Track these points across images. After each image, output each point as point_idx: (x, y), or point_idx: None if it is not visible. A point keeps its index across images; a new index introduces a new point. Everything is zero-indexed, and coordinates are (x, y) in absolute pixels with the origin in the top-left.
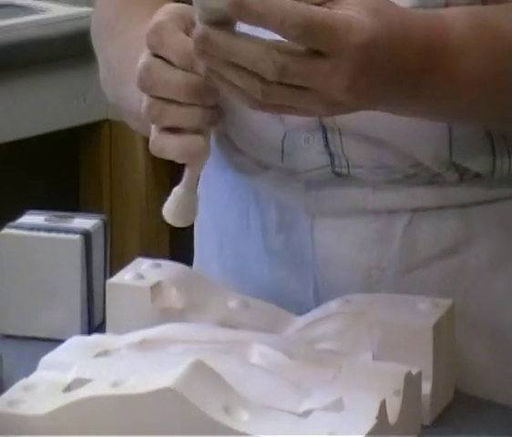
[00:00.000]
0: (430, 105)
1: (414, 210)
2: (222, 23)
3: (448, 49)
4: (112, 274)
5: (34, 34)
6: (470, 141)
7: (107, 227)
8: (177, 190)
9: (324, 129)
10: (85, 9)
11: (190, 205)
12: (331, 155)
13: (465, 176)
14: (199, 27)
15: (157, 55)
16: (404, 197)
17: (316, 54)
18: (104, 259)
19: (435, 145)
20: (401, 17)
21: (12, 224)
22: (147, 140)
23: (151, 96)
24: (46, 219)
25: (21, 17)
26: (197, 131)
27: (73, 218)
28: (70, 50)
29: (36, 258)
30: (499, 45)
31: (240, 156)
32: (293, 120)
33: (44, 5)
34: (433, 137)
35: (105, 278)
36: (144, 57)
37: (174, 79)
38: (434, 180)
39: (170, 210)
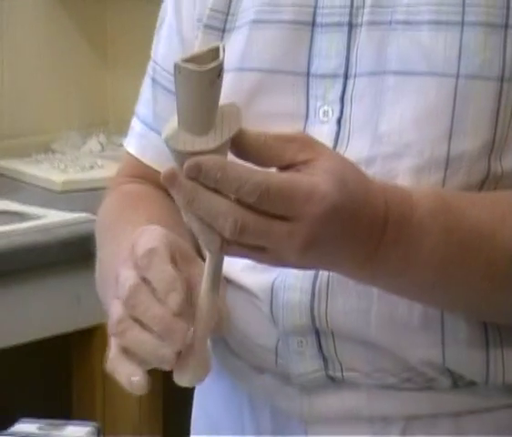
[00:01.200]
0: (383, 278)
1: (408, 418)
2: None
3: (409, 228)
4: None
5: (29, 240)
6: (463, 347)
7: (100, 434)
8: (185, 348)
9: (317, 333)
10: (80, 215)
11: (199, 362)
12: (324, 359)
13: (459, 382)
14: (171, 166)
15: (143, 277)
16: (398, 403)
17: (276, 215)
18: None
19: (427, 349)
20: (366, 189)
21: (4, 433)
22: None
23: (128, 313)
24: (38, 428)
25: (17, 224)
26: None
27: (66, 426)
28: (65, 256)
29: None
30: (462, 233)
31: (236, 359)
32: (287, 324)
33: (40, 211)
34: (425, 342)
35: None
36: (133, 278)
37: (152, 309)
38: (428, 386)
39: (177, 367)
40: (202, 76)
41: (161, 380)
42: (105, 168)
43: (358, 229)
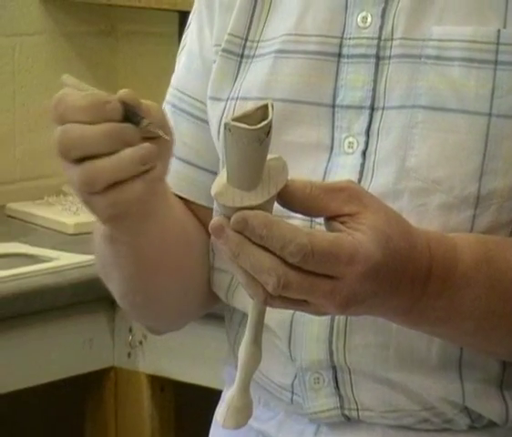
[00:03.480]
0: (425, 325)
1: None
2: None
3: (452, 280)
4: None
5: (41, 282)
6: (481, 384)
7: None
8: (229, 392)
9: (335, 369)
10: (91, 257)
11: (243, 406)
12: (340, 397)
13: (476, 423)
14: (219, 218)
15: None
16: None
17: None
18: None
19: (446, 386)
20: (410, 243)
21: None
22: (153, 389)
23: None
24: None
25: (28, 266)
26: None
27: None
28: (77, 298)
29: None
30: (505, 283)
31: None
32: (304, 359)
33: (51, 253)
34: (444, 378)
35: None
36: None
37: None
38: (444, 427)
39: (222, 412)
40: (252, 134)
41: (173, 419)
42: None
43: (400, 284)
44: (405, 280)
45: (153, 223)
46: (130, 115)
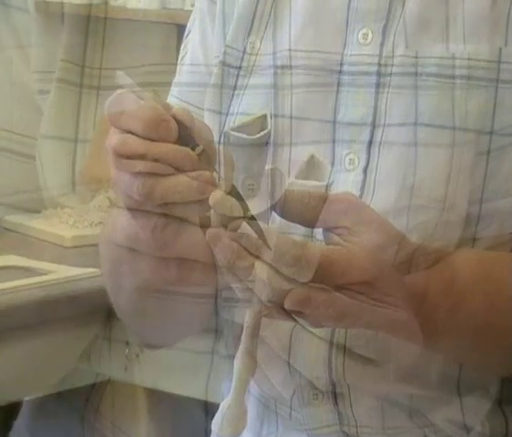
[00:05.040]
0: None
1: None
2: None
3: (450, 297)
4: None
5: (38, 295)
6: (480, 402)
7: None
8: (224, 402)
9: (334, 385)
10: (89, 270)
11: (238, 416)
12: (339, 413)
13: None
14: (216, 227)
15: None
16: None
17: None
18: None
19: (446, 404)
20: (406, 258)
21: None
22: (150, 402)
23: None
24: None
25: (26, 279)
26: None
27: None
28: (74, 310)
29: None
30: (502, 301)
31: (249, 412)
32: (303, 375)
33: (48, 266)
34: (444, 396)
35: None
36: (115, 136)
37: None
38: None
39: (217, 421)
40: (251, 143)
41: (170, 436)
42: None
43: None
44: (401, 297)
45: None
46: (183, 134)
